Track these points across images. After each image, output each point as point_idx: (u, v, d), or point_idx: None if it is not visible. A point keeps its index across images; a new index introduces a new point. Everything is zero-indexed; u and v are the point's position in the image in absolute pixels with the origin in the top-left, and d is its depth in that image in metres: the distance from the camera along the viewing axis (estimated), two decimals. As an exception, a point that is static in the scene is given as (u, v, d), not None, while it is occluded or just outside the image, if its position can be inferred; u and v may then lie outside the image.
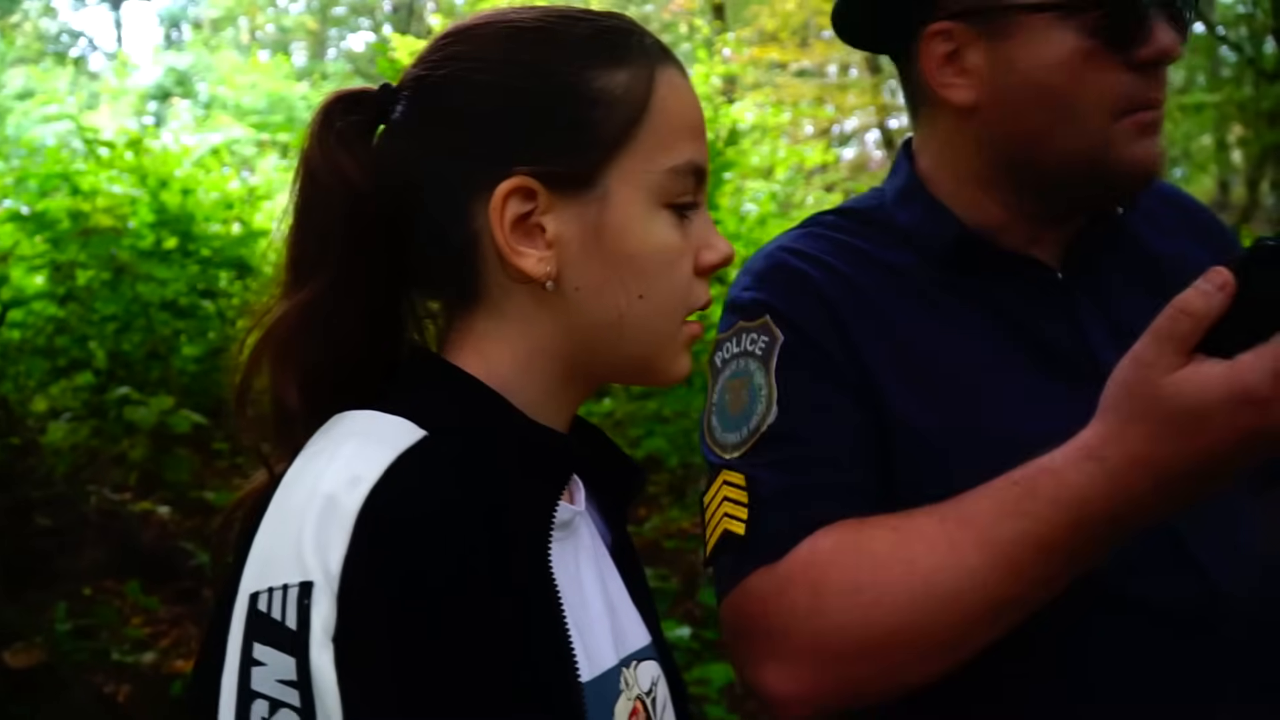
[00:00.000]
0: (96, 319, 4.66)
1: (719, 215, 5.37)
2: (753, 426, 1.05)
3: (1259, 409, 0.78)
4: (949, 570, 0.89)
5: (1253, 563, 1.04)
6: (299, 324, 0.81)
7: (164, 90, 17.76)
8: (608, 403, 4.66)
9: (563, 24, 0.83)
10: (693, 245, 0.85)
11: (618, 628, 0.87)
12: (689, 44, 16.68)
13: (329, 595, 0.67)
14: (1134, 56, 1.01)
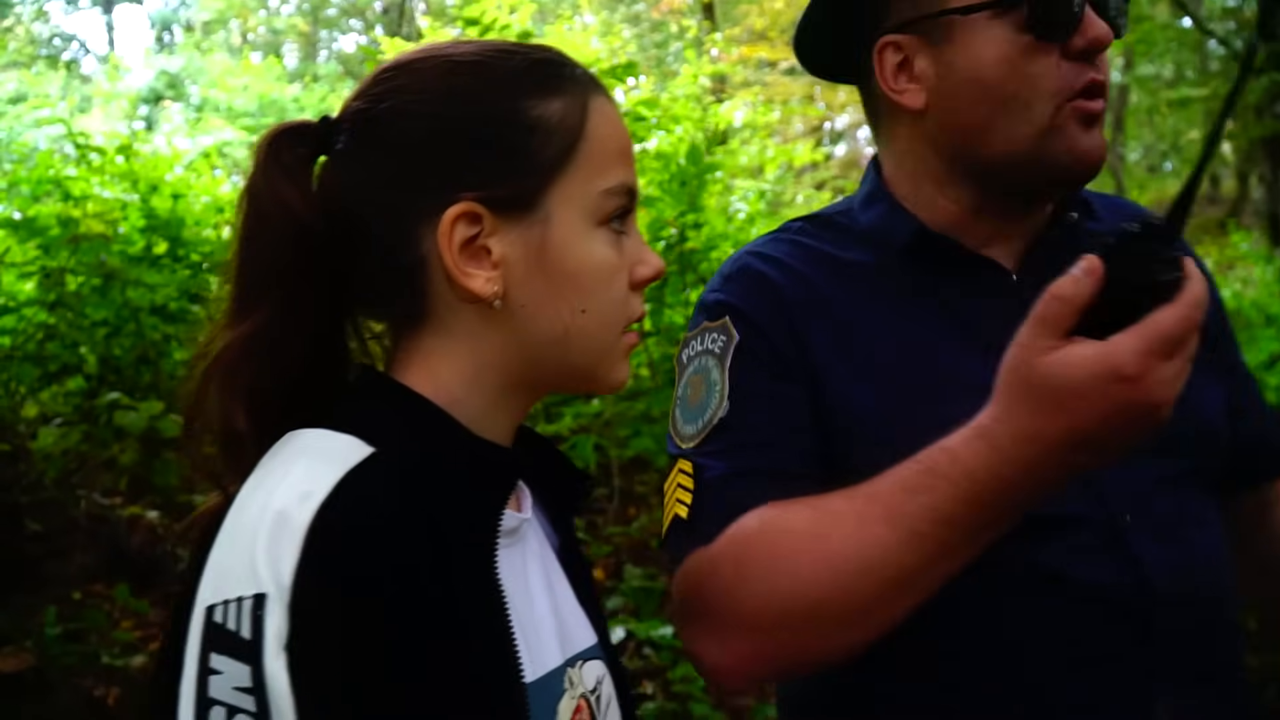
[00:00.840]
0: (87, 324, 4.68)
1: (706, 215, 5.39)
2: (706, 419, 1.12)
3: (1128, 385, 0.84)
4: (858, 543, 0.95)
5: (1189, 562, 1.09)
6: (244, 352, 0.85)
7: (156, 93, 17.75)
8: (596, 404, 4.69)
9: (499, 58, 0.88)
10: (627, 261, 0.90)
11: (564, 629, 0.92)
12: (679, 43, 16.69)
13: (281, 606, 0.72)
14: (1069, 46, 1.06)
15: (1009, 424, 0.89)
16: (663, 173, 5.10)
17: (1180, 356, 0.85)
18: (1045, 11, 1.06)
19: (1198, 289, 0.85)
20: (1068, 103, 1.07)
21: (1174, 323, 0.84)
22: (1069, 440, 0.87)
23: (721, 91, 13.18)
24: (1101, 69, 1.08)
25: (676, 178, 4.65)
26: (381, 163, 0.86)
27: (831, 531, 0.97)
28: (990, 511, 0.92)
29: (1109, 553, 1.07)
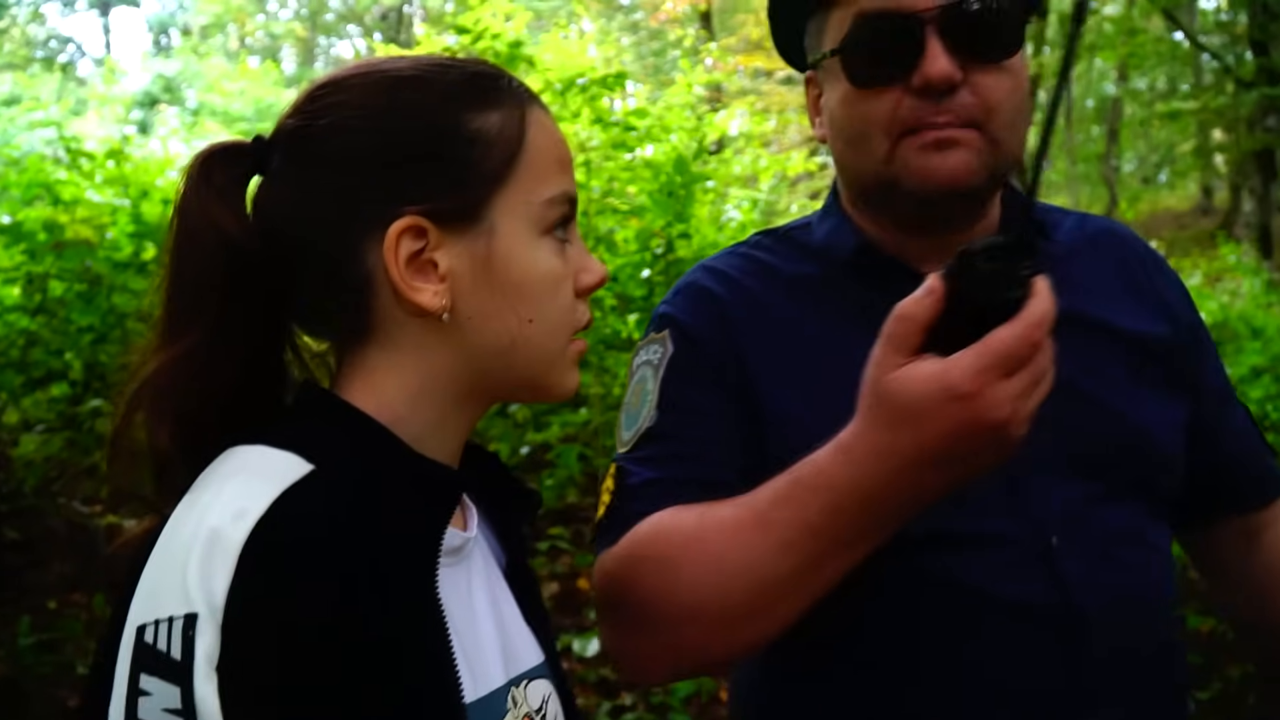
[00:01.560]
0: (73, 330, 4.66)
1: (696, 225, 5.40)
2: (638, 426, 1.17)
3: (965, 402, 0.85)
4: (734, 549, 0.98)
5: (1120, 581, 1.10)
6: (173, 375, 0.83)
7: (151, 97, 17.77)
8: (584, 412, 4.68)
9: (435, 72, 0.87)
10: (572, 269, 0.90)
11: (508, 648, 0.91)
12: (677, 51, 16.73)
13: (213, 626, 0.70)
14: (910, 85, 1.08)
15: (864, 439, 0.91)
16: (653, 182, 5.11)
17: (1024, 375, 0.86)
18: (850, 65, 1.12)
19: (1041, 307, 0.85)
20: (904, 137, 1.10)
21: (1011, 341, 0.84)
22: (919, 456, 0.88)
23: (718, 100, 13.20)
24: (956, 104, 1.08)
25: (664, 188, 4.65)
26: (322, 180, 0.85)
27: (712, 537, 1.00)
28: (856, 523, 0.93)
29: (1035, 571, 1.08)
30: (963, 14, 1.07)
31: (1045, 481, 1.10)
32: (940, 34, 1.08)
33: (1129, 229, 1.35)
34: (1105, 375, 1.16)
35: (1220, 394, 1.31)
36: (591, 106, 5.38)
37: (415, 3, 24.24)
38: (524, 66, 5.54)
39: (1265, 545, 1.31)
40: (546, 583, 3.95)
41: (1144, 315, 1.22)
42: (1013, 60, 1.11)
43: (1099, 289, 1.22)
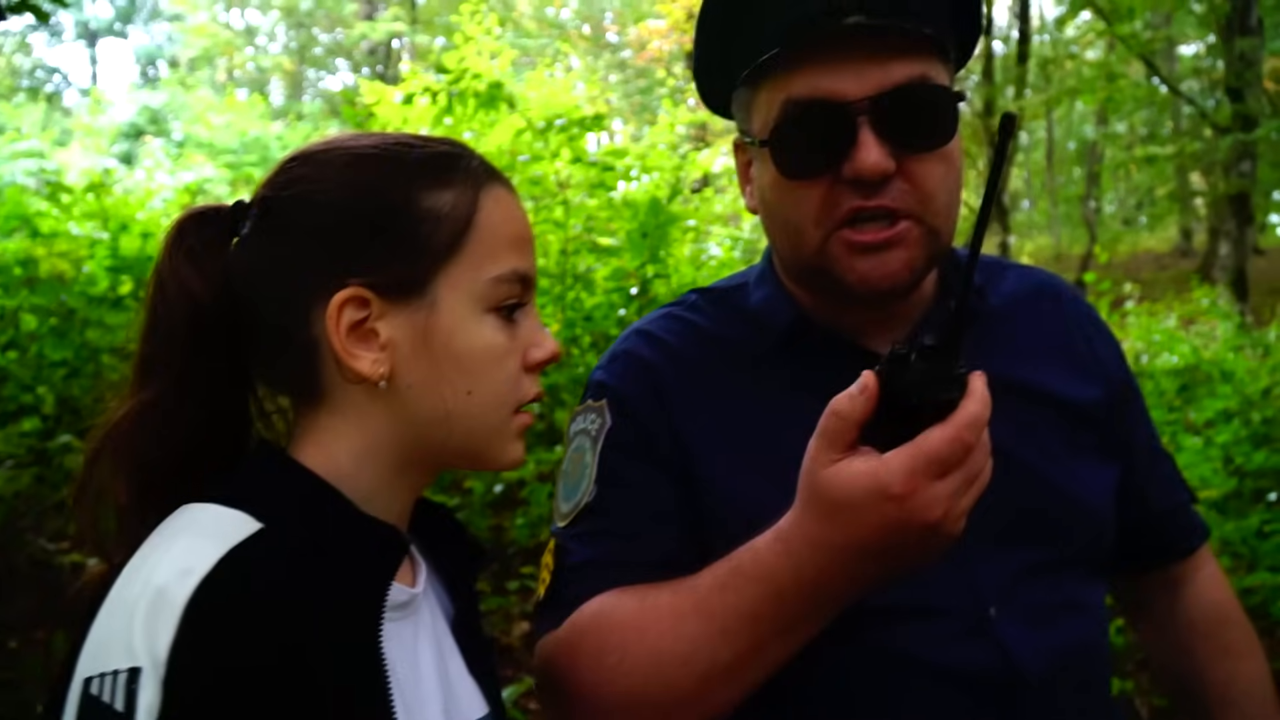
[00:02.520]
0: (45, 365, 4.65)
1: (674, 264, 5.44)
2: (576, 500, 1.16)
3: (896, 503, 0.86)
4: (674, 637, 0.98)
5: (1060, 646, 1.11)
6: (135, 425, 0.87)
7: (137, 128, 17.81)
8: (559, 450, 4.69)
9: (397, 150, 0.91)
10: (520, 344, 0.92)
11: (451, 701, 0.93)
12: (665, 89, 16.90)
13: (155, 681, 0.73)
14: (840, 175, 1.06)
15: (801, 530, 0.92)
16: (631, 221, 5.15)
17: (956, 476, 0.86)
18: (779, 156, 1.09)
19: (973, 409, 0.86)
20: (836, 231, 1.08)
21: (943, 444, 0.85)
22: (854, 549, 0.89)
23: (703, 139, 13.34)
24: (890, 194, 1.06)
25: (640, 228, 4.69)
26: (279, 247, 0.89)
27: (652, 625, 1.00)
28: (795, 610, 0.94)
29: (975, 640, 1.07)
30: (896, 103, 1.04)
31: (984, 551, 1.09)
32: (873, 124, 1.04)
33: (1066, 284, 1.36)
34: (1042, 444, 1.17)
35: (1149, 449, 1.32)
36: (571, 146, 5.43)
37: (404, 39, 24.44)
38: (504, 106, 5.59)
39: (1186, 598, 1.34)
40: (517, 622, 3.93)
41: (1079, 379, 1.23)
42: (951, 144, 1.09)
43: (1035, 352, 1.22)
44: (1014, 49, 17.24)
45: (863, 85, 1.04)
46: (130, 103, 19.45)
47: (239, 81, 27.36)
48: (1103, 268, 10.53)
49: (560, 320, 4.76)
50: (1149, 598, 1.36)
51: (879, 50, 1.05)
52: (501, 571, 4.18)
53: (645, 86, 21.13)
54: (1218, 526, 3.84)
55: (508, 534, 4.31)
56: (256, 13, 28.26)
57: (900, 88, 1.04)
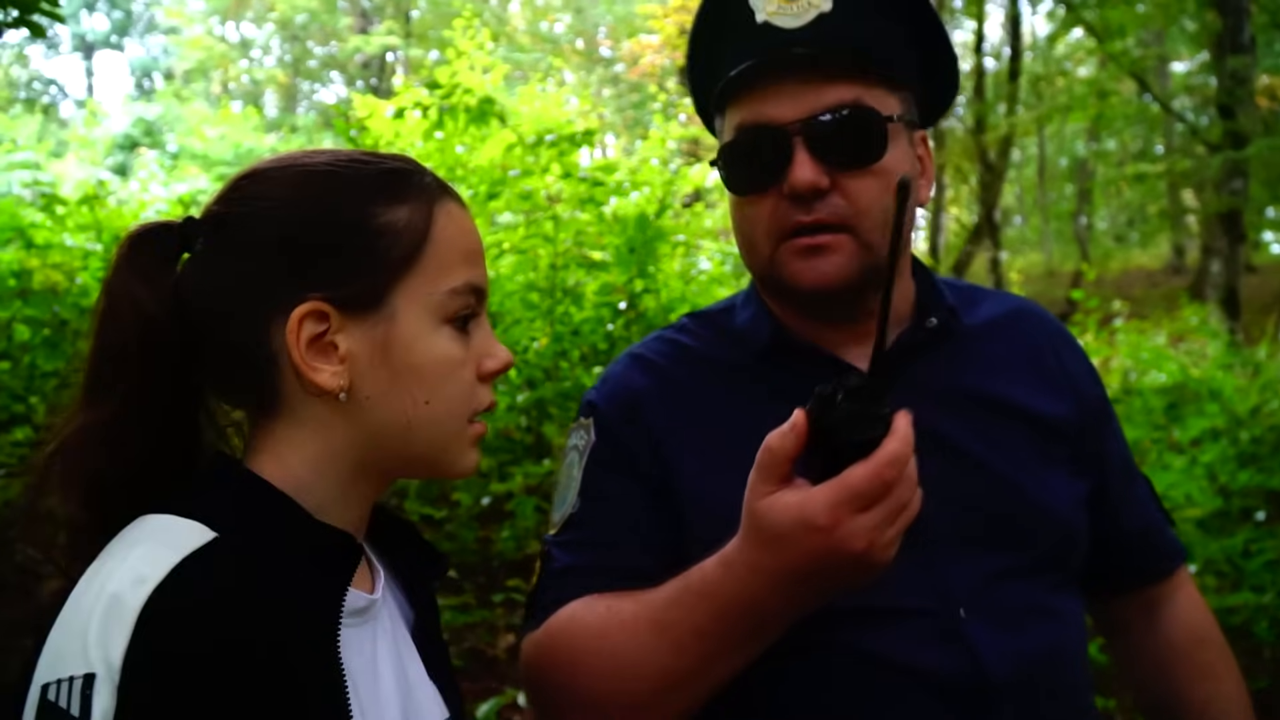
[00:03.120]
0: (38, 375, 4.66)
1: (663, 279, 5.46)
2: (564, 511, 1.25)
3: (822, 534, 0.93)
4: (631, 648, 1.07)
5: (1029, 650, 1.15)
6: (87, 440, 0.88)
7: (132, 140, 17.82)
8: (547, 464, 4.70)
9: (350, 167, 0.93)
10: (474, 355, 0.95)
11: (410, 704, 0.96)
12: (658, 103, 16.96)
13: (110, 686, 0.75)
14: (781, 191, 1.17)
15: (742, 555, 0.99)
16: (620, 236, 5.18)
17: (879, 509, 0.92)
18: (729, 174, 1.22)
19: (894, 447, 0.92)
20: (783, 242, 1.19)
21: (864, 481, 0.91)
22: (787, 575, 0.96)
23: (695, 154, 13.37)
24: (826, 208, 1.16)
25: (627, 243, 4.72)
26: (234, 264, 0.91)
27: (614, 634, 1.08)
28: (739, 628, 1.01)
29: (945, 642, 1.12)
30: (826, 125, 1.16)
31: (955, 555, 1.16)
32: (806, 144, 1.16)
33: (1042, 308, 1.42)
34: (1013, 454, 1.23)
35: (1123, 469, 1.36)
36: (561, 161, 5.46)
37: (398, 52, 24.50)
38: (495, 121, 5.63)
39: (1164, 619, 1.37)
40: (502, 634, 3.94)
41: (1051, 396, 1.28)
42: (882, 163, 1.18)
43: (1009, 369, 1.29)
44: (1006, 66, 17.34)
45: (797, 109, 1.16)
46: (125, 115, 19.47)
47: (234, 94, 27.40)
48: (1094, 285, 10.56)
49: (549, 334, 4.78)
50: (1127, 620, 1.39)
51: (814, 77, 1.16)
52: (487, 584, 4.19)
53: (638, 101, 21.20)
54: (1202, 545, 3.86)
55: (494, 546, 4.32)
56: (252, 26, 28.33)
57: (831, 110, 1.16)
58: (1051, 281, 18.80)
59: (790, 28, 1.16)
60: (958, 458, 1.20)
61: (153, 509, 0.87)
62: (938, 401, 1.21)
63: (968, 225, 19.49)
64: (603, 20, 25.26)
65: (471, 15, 8.17)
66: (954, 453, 1.20)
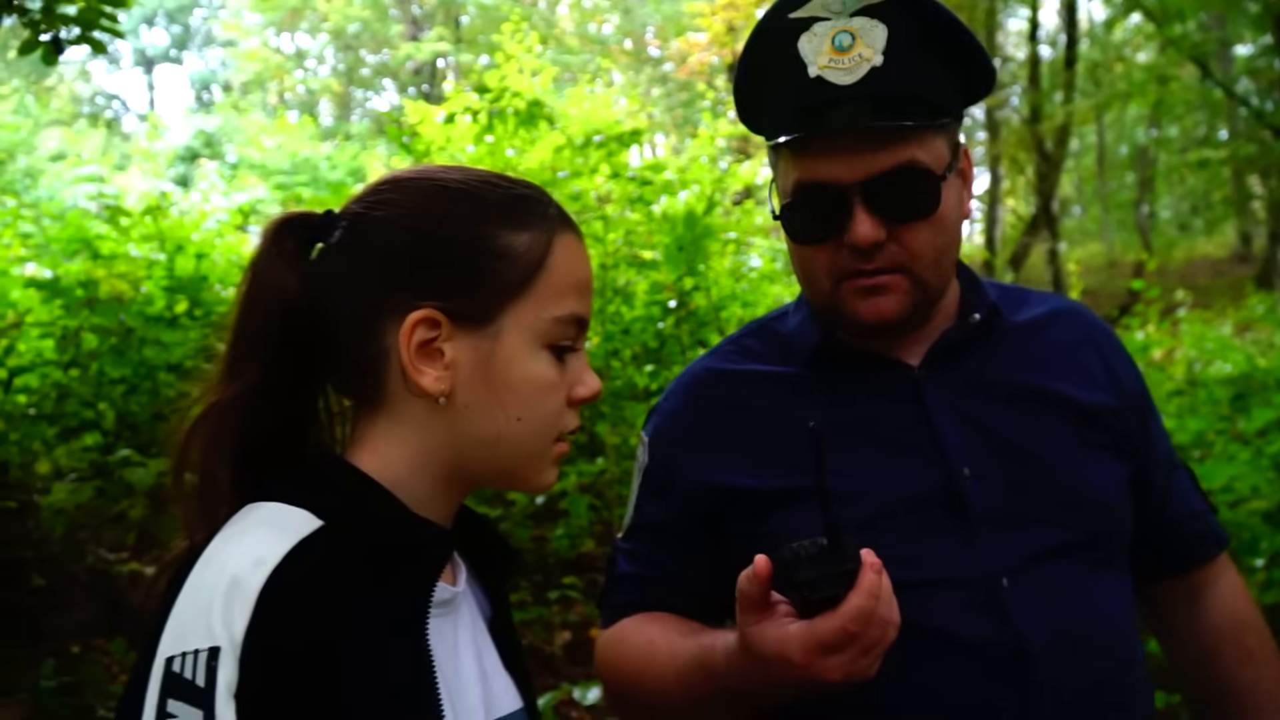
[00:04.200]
0: (105, 382, 4.80)
1: (714, 276, 5.47)
2: (628, 518, 1.40)
3: (800, 669, 1.02)
4: (659, 685, 1.25)
5: (1067, 623, 1.20)
6: (231, 411, 0.95)
7: (193, 151, 18.23)
8: (600, 462, 4.74)
9: (482, 188, 0.99)
10: (568, 381, 1.00)
11: (489, 693, 1.01)
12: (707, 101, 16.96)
13: (233, 659, 0.81)
14: (841, 241, 1.24)
15: (738, 661, 1.09)
16: (670, 235, 5.21)
17: (850, 651, 1.01)
18: (791, 227, 1.28)
19: (858, 603, 1.00)
20: (842, 282, 1.26)
21: (829, 633, 1.00)
22: (776, 688, 1.07)
23: (745, 151, 13.35)
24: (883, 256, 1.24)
25: (676, 242, 4.74)
26: (363, 262, 0.97)
27: (648, 670, 1.27)
28: (741, 704, 1.17)
29: (985, 612, 1.19)
30: (884, 184, 1.22)
31: (997, 534, 1.22)
32: (865, 201, 1.22)
33: (1085, 308, 1.48)
34: (1053, 439, 1.28)
35: (1166, 460, 1.42)
36: (610, 161, 5.50)
37: (449, 58, 24.76)
38: (544, 123, 5.68)
39: (1207, 606, 1.40)
40: (559, 631, 3.99)
41: (1091, 387, 1.34)
42: (937, 213, 1.24)
43: (1050, 363, 1.34)
44: (1062, 53, 17.06)
45: (854, 171, 1.22)
46: (186, 127, 19.94)
47: (289, 104, 27.87)
48: (1156, 274, 10.33)
49: (600, 333, 4.82)
50: (1171, 606, 1.43)
51: (868, 142, 1.21)
52: (543, 582, 4.24)
53: (687, 100, 21.21)
54: (1269, 538, 3.78)
55: (549, 545, 4.37)
56: (306, 36, 28.81)
57: (887, 173, 1.21)
58: (1112, 272, 18.47)
59: (844, 84, 1.20)
60: (1000, 443, 1.26)
61: (260, 497, 0.93)
62: (981, 392, 1.29)
63: (1024, 217, 19.24)
64: (650, 20, 25.30)
65: (520, 19, 8.24)
66: (996, 439, 1.26)
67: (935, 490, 1.23)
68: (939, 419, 1.27)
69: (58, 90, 23.11)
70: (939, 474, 1.24)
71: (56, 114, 20.65)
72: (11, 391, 4.35)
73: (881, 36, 1.20)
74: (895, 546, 1.09)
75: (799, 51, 1.21)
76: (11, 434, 3.94)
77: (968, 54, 1.26)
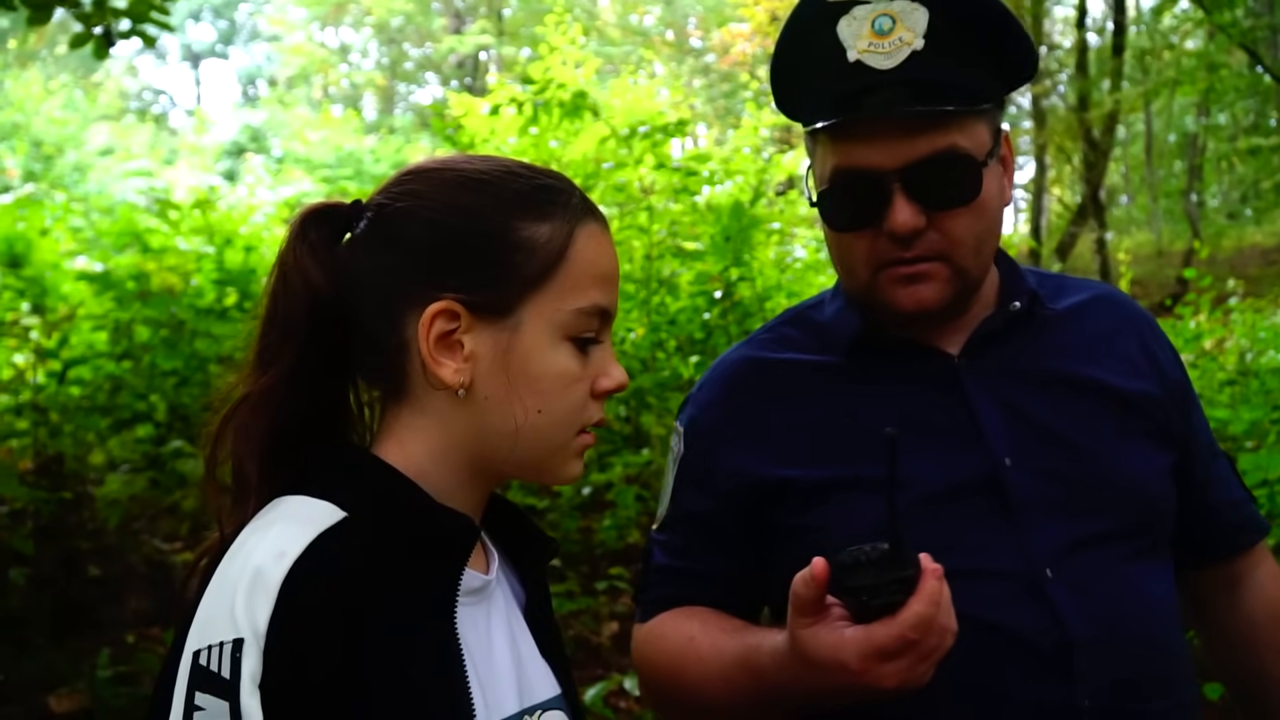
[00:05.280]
0: (157, 374, 4.87)
1: (759, 267, 5.45)
2: (663, 509, 1.39)
3: (854, 675, 1.02)
4: (700, 682, 1.25)
5: (1111, 613, 1.19)
6: (261, 402, 0.95)
7: (239, 146, 18.44)
8: (645, 453, 4.74)
9: (503, 178, 0.98)
10: (591, 373, 0.99)
11: (524, 680, 1.01)
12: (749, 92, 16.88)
13: (257, 650, 0.82)
14: (880, 228, 1.22)
15: (787, 663, 1.09)
16: (715, 226, 5.18)
17: (907, 658, 1.01)
18: (829, 213, 1.27)
19: (918, 610, 1.00)
20: (881, 270, 1.25)
21: (889, 640, 1.00)
22: (826, 692, 1.07)
23: (787, 142, 13.27)
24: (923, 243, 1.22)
25: (722, 232, 4.72)
26: (384, 254, 0.96)
27: (690, 667, 1.26)
28: (780, 698, 1.15)
29: (1029, 601, 1.18)
30: (923, 170, 1.20)
31: (1039, 523, 1.21)
32: (904, 189, 1.20)
33: (1126, 296, 1.47)
34: (1093, 427, 1.28)
35: (1207, 448, 1.41)
36: (654, 152, 5.48)
37: (491, 51, 24.84)
38: (589, 114, 5.68)
39: (1246, 594, 1.40)
40: (606, 622, 4.00)
41: (1132, 375, 1.33)
42: (978, 199, 1.22)
43: (1090, 350, 1.33)
44: (1109, 41, 16.79)
45: (894, 157, 1.20)
46: (232, 121, 20.17)
47: (334, 98, 28.11)
48: (1206, 263, 10.15)
49: (645, 324, 4.81)
50: (1209, 595, 1.42)
51: (907, 128, 1.20)
52: (590, 573, 4.25)
53: (729, 90, 21.12)
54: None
55: (596, 536, 4.38)
56: (350, 30, 29.02)
57: (927, 159, 1.20)
58: (1161, 261, 18.16)
59: (883, 68, 1.18)
60: (1042, 432, 1.25)
61: (287, 490, 0.93)
62: (1021, 380, 1.29)
63: (1071, 206, 18.97)
64: (692, 10, 25.22)
65: (563, 11, 8.23)
66: (1037, 427, 1.26)
67: (977, 479, 1.22)
68: (980, 407, 1.26)
69: (105, 85, 23.46)
70: (981, 462, 1.23)
71: (105, 109, 20.96)
72: (65, 383, 4.42)
73: (922, 20, 1.18)
74: (937, 535, 1.09)
75: (838, 35, 1.19)
76: (66, 426, 4.00)
77: (1010, 38, 1.24)
